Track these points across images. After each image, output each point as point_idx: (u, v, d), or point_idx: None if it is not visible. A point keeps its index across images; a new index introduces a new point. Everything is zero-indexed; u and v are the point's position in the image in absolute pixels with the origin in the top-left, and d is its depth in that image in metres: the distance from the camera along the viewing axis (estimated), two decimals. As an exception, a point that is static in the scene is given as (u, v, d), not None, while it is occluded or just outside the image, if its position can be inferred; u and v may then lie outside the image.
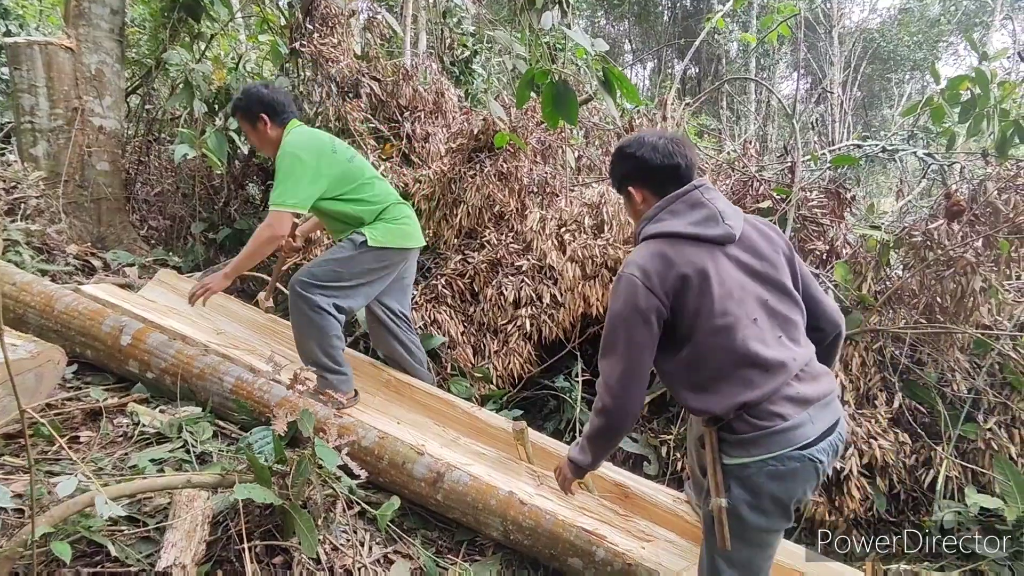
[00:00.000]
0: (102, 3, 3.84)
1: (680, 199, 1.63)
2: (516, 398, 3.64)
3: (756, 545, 1.54)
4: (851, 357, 2.89)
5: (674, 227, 1.58)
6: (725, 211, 1.61)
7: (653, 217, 1.65)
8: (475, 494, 2.18)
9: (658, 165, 1.65)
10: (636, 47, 21.59)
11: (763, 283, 1.58)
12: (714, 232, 1.57)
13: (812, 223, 3.50)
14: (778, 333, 1.55)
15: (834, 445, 1.54)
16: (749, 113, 13.53)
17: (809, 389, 1.52)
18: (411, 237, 2.84)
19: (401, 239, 2.78)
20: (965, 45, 17.29)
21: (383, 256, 2.73)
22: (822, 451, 1.50)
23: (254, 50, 6.10)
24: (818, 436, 1.50)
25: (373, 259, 2.70)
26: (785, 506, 1.50)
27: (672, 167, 1.65)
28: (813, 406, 1.51)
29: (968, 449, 2.80)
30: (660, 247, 1.56)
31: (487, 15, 8.35)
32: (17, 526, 1.66)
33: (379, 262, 2.73)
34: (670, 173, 1.65)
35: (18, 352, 2.15)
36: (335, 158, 2.67)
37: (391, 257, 2.76)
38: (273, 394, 2.41)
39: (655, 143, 1.66)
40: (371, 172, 2.83)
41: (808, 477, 1.49)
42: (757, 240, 1.63)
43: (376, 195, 2.77)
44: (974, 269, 2.64)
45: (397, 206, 2.83)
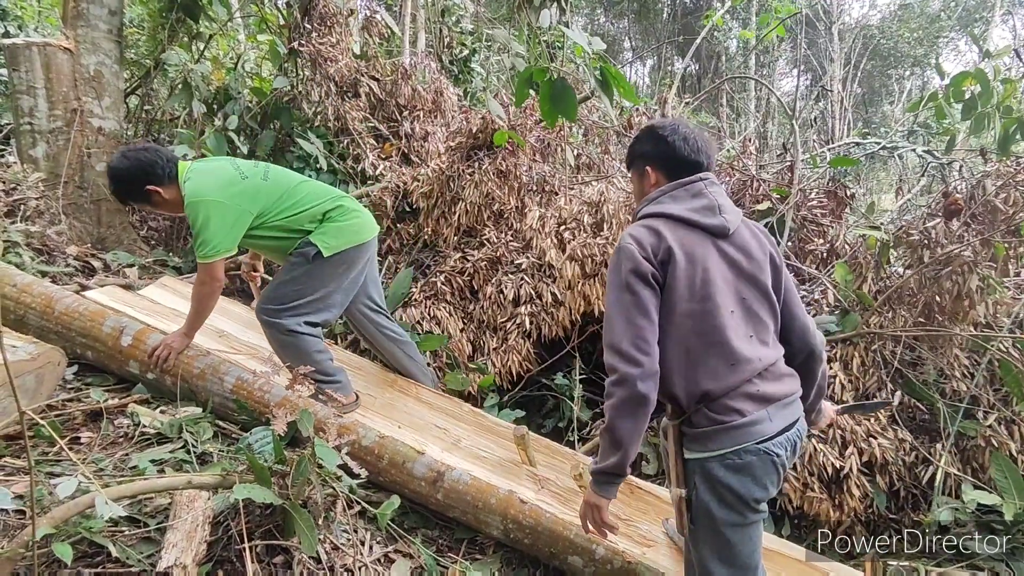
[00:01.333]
0: (100, 4, 3.84)
1: (683, 187, 1.67)
2: (516, 397, 3.65)
3: (732, 538, 1.56)
4: (851, 357, 2.89)
5: (671, 210, 1.62)
6: (724, 206, 1.64)
7: (654, 199, 1.68)
8: (475, 493, 2.19)
9: (683, 156, 1.68)
10: (636, 44, 21.56)
11: (746, 281, 1.61)
12: (709, 221, 1.60)
13: (811, 223, 3.51)
14: (750, 332, 1.58)
15: (792, 440, 1.58)
16: (749, 111, 13.52)
17: (770, 388, 1.56)
18: (365, 228, 2.67)
19: (355, 235, 2.61)
20: (966, 41, 17.28)
21: (342, 259, 2.57)
22: (779, 444, 1.53)
23: (253, 50, 6.10)
24: (776, 433, 1.54)
25: (333, 266, 2.55)
26: (746, 499, 1.52)
27: (694, 163, 1.68)
28: (773, 405, 1.55)
29: (968, 446, 2.81)
30: (654, 224, 1.61)
31: (486, 14, 8.35)
32: (18, 527, 1.67)
33: (341, 266, 2.58)
34: (690, 167, 1.68)
35: (18, 354, 2.15)
36: (247, 184, 2.44)
37: (351, 257, 2.61)
38: (273, 394, 2.41)
39: (687, 134, 1.69)
40: (295, 178, 2.63)
41: (767, 471, 1.53)
42: (749, 240, 1.66)
43: (310, 198, 2.57)
44: (971, 268, 2.64)
45: (340, 202, 2.63)
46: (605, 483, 1.60)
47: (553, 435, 3.48)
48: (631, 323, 1.50)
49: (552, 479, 2.45)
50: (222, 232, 2.33)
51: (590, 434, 3.38)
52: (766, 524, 2.56)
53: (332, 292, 2.59)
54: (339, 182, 4.53)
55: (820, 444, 2.72)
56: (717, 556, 1.57)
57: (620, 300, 1.53)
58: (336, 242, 2.54)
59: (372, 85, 4.85)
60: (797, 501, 2.69)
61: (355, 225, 2.62)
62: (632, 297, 1.51)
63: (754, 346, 1.57)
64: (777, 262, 1.70)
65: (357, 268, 2.66)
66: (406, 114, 4.94)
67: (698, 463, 1.56)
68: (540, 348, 3.71)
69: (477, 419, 2.85)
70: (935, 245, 2.78)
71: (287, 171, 2.69)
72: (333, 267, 2.55)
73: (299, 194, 2.56)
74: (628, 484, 2.64)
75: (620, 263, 1.55)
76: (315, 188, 2.64)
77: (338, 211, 2.60)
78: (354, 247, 2.60)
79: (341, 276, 2.60)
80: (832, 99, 14.43)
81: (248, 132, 4.66)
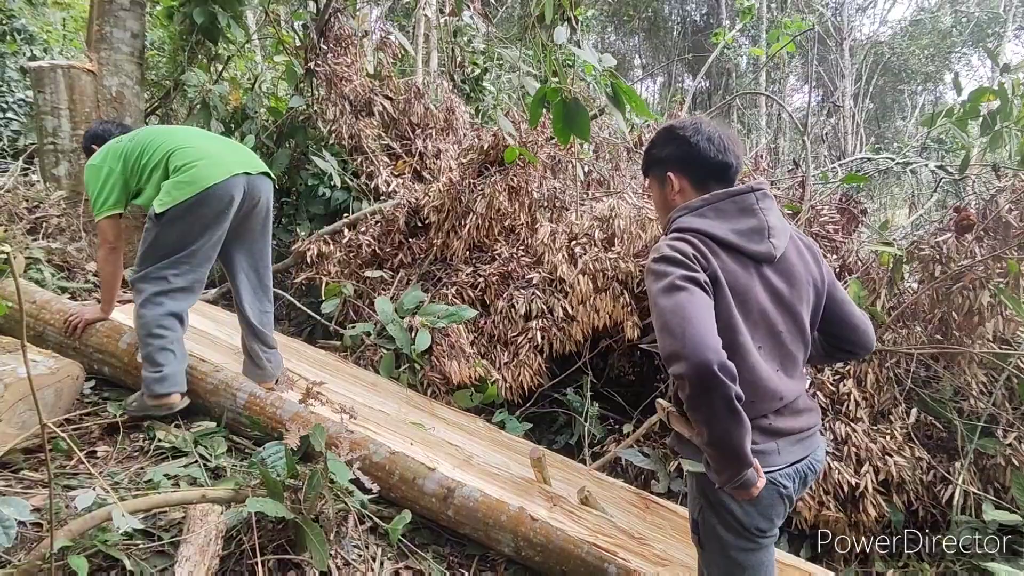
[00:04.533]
0: (123, 27, 3.96)
1: (731, 198, 1.47)
2: (527, 412, 3.65)
3: (742, 561, 1.50)
4: (864, 374, 2.86)
5: (715, 229, 1.42)
6: (775, 226, 1.47)
7: (696, 209, 1.47)
8: (486, 510, 2.18)
9: (710, 158, 1.49)
10: (646, 62, 21.72)
11: (784, 313, 1.48)
12: (756, 248, 1.43)
13: (824, 239, 3.49)
14: (776, 366, 1.47)
15: (801, 472, 1.49)
16: (760, 127, 13.53)
17: (784, 423, 1.47)
18: (207, 175, 2.35)
19: (194, 185, 2.31)
20: (978, 56, 17.21)
21: (183, 212, 2.32)
22: (786, 476, 1.45)
23: (270, 70, 6.23)
24: (784, 465, 1.45)
25: (173, 222, 2.34)
26: (749, 528, 1.46)
27: (723, 165, 1.50)
28: (784, 439, 1.46)
29: (988, 465, 2.75)
30: (696, 242, 1.40)
31: (497, 34, 8.46)
32: (35, 540, 1.69)
33: (183, 220, 2.34)
34: (718, 170, 1.50)
35: (39, 368, 2.20)
36: (122, 145, 2.45)
37: (195, 208, 2.33)
38: (285, 409, 2.43)
39: (711, 134, 1.51)
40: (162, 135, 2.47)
41: (772, 502, 1.45)
42: (795, 262, 1.51)
43: (157, 153, 2.41)
44: (983, 284, 2.62)
45: (178, 153, 2.39)
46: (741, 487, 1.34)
47: (564, 451, 3.47)
48: (691, 319, 1.26)
49: (565, 496, 2.44)
50: (95, 192, 2.40)
51: (603, 449, 3.36)
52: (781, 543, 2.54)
53: (187, 245, 2.38)
54: (353, 199, 4.59)
55: (835, 462, 2.69)
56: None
57: (674, 300, 1.29)
58: (172, 197, 2.31)
59: (386, 104, 4.93)
60: (811, 519, 2.65)
61: (195, 174, 2.34)
62: (688, 295, 1.30)
63: (779, 380, 1.46)
64: (819, 282, 1.55)
65: (215, 223, 2.40)
66: (419, 132, 5.01)
67: (706, 481, 1.48)
68: (551, 363, 3.71)
69: (492, 435, 2.85)
70: (947, 260, 2.76)
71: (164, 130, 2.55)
72: (174, 223, 2.34)
73: (150, 150, 2.42)
74: (643, 499, 2.62)
75: (665, 269, 1.35)
76: (162, 140, 2.45)
77: (176, 164, 2.37)
78: (193, 197, 2.31)
79: (193, 236, 2.37)
80: (844, 115, 14.41)
81: (264, 150, 4.74)
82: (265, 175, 2.60)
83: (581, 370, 3.68)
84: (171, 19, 4.64)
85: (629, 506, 2.56)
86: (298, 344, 3.46)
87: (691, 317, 1.26)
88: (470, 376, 3.42)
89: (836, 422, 2.81)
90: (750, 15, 6.67)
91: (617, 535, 2.19)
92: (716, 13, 17.52)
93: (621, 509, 2.51)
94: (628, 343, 3.55)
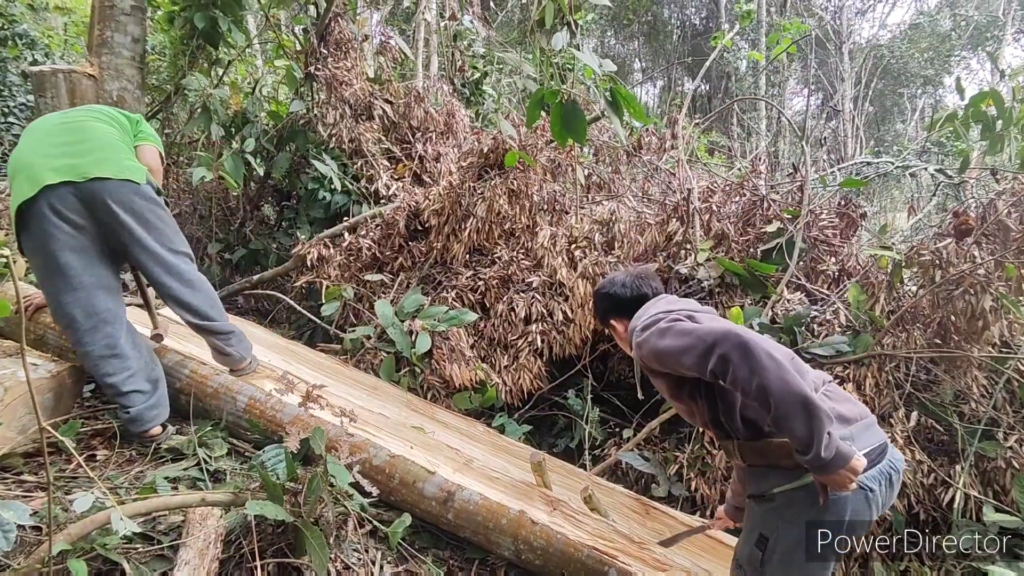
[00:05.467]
0: (124, 32, 3.97)
1: (662, 299, 1.82)
2: (526, 415, 3.65)
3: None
4: (863, 378, 2.86)
5: (666, 307, 1.72)
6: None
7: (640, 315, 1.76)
8: (486, 513, 2.18)
9: (628, 298, 1.88)
10: (646, 65, 21.76)
11: None
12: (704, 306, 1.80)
13: (823, 243, 3.49)
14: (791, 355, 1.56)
15: (885, 473, 1.45)
16: (760, 130, 13.55)
17: (842, 408, 1.48)
18: (16, 193, 2.07)
19: (13, 203, 2.08)
20: (977, 59, 17.24)
21: (27, 240, 2.10)
22: (872, 479, 1.42)
23: (270, 75, 6.25)
24: (865, 450, 1.42)
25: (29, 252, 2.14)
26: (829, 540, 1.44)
27: (640, 296, 1.86)
28: (853, 425, 1.46)
29: (989, 468, 2.75)
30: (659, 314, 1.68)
31: (497, 37, 8.49)
32: (35, 543, 1.69)
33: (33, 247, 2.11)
34: (641, 301, 1.85)
35: (39, 372, 2.20)
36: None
37: (30, 229, 2.08)
38: (285, 413, 2.43)
39: (623, 280, 1.92)
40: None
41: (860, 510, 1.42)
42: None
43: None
44: (984, 288, 2.62)
45: (9, 172, 2.15)
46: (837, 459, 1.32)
47: (565, 455, 3.47)
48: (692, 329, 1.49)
49: (565, 500, 2.43)
50: None
51: (603, 453, 3.36)
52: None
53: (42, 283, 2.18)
54: (353, 202, 4.60)
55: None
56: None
57: (670, 334, 1.54)
58: (13, 231, 2.09)
59: (386, 108, 4.94)
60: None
61: (12, 199, 2.09)
62: (678, 324, 1.55)
63: (795, 363, 1.54)
64: None
65: (38, 240, 2.09)
66: (419, 136, 5.03)
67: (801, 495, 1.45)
68: (551, 366, 3.71)
69: (492, 439, 2.85)
70: (947, 265, 2.76)
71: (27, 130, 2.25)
72: (29, 255, 2.15)
73: None
74: (644, 505, 2.63)
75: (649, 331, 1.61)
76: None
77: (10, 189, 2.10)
78: (16, 222, 2.08)
79: (38, 258, 2.13)
80: (843, 118, 14.44)
81: (265, 154, 4.76)
82: (104, 179, 2.15)
83: (581, 373, 3.69)
84: (172, 23, 4.66)
85: (629, 511, 2.56)
86: (298, 347, 3.46)
87: (692, 327, 1.49)
88: (470, 379, 3.42)
89: (836, 425, 2.80)
90: (749, 19, 6.69)
91: (617, 539, 2.18)
92: (716, 17, 17.57)
93: (621, 514, 2.51)
94: (628, 346, 3.55)
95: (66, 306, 2.14)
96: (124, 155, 2.28)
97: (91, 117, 2.35)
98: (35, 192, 2.04)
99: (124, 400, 2.24)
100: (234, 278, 4.64)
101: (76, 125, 2.28)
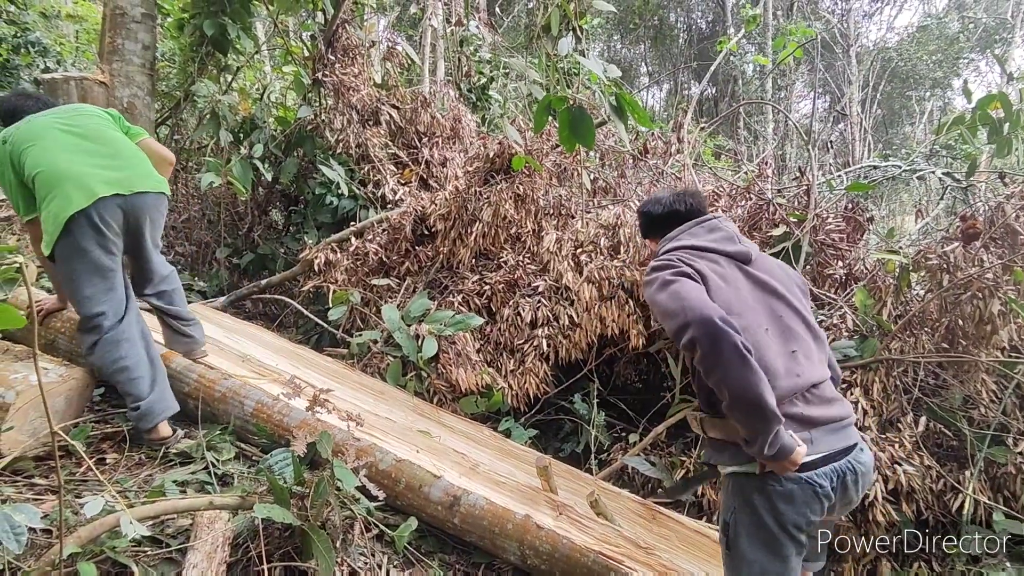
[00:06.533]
0: (134, 39, 4.02)
1: (698, 224, 1.76)
2: (532, 419, 3.65)
3: (767, 566, 1.51)
4: (871, 383, 2.84)
5: (694, 242, 1.69)
6: (742, 237, 1.73)
7: (674, 238, 1.76)
8: (491, 518, 2.18)
9: (658, 215, 1.85)
10: (652, 69, 21.78)
11: (778, 300, 1.62)
12: (732, 248, 1.68)
13: (829, 247, 3.48)
14: (791, 347, 1.56)
15: (839, 472, 1.50)
16: (766, 134, 13.52)
17: (815, 411, 1.52)
18: (73, 199, 2.19)
19: (62, 212, 2.17)
20: (986, 61, 17.14)
21: (67, 246, 2.23)
22: (822, 476, 1.48)
23: (278, 81, 6.30)
24: (819, 459, 1.48)
25: (64, 259, 2.26)
26: (784, 525, 1.47)
27: (671, 213, 1.82)
28: (818, 428, 1.50)
29: (998, 474, 2.73)
30: (680, 252, 1.66)
31: (503, 43, 8.52)
32: (45, 546, 1.70)
33: (69, 253, 2.24)
34: (669, 218, 1.82)
35: (49, 376, 2.23)
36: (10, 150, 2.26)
37: (73, 236, 2.21)
38: (292, 417, 2.45)
39: (660, 198, 1.88)
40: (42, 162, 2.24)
41: (807, 499, 1.47)
42: (774, 268, 1.73)
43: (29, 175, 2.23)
44: (992, 292, 2.60)
45: (41, 176, 2.21)
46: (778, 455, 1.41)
47: (571, 459, 3.46)
48: (686, 296, 1.46)
49: (571, 505, 2.43)
50: (8, 195, 2.36)
51: (609, 458, 3.36)
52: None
53: (81, 284, 2.27)
54: (360, 207, 4.63)
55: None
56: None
57: (668, 290, 1.51)
58: (52, 230, 2.20)
59: (392, 113, 4.97)
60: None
61: (56, 210, 2.20)
62: (678, 283, 1.51)
63: (796, 362, 1.54)
64: (803, 289, 1.74)
65: (92, 239, 2.25)
66: (425, 141, 5.06)
67: (744, 481, 1.53)
68: (557, 371, 3.71)
69: (498, 443, 2.85)
70: (955, 269, 2.74)
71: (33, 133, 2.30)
72: (65, 260, 2.27)
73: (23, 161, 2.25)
74: (650, 510, 2.62)
75: (656, 275, 1.58)
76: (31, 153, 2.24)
77: (42, 194, 2.22)
78: (64, 228, 2.19)
79: (80, 261, 2.26)
80: (851, 121, 14.38)
81: (273, 159, 4.80)
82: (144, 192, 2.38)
83: (587, 378, 3.68)
84: (182, 31, 4.71)
85: (636, 516, 2.56)
86: (306, 351, 3.48)
87: (685, 295, 1.47)
88: (476, 384, 3.42)
89: (844, 430, 2.79)
90: (755, 23, 6.68)
91: (623, 544, 2.18)
92: (722, 21, 17.56)
93: (627, 519, 2.51)
94: (634, 351, 3.55)
95: (101, 304, 2.29)
96: (150, 166, 2.49)
97: (100, 124, 2.45)
98: (90, 203, 2.21)
99: (133, 388, 2.32)
100: (242, 282, 4.67)
101: (97, 134, 2.40)
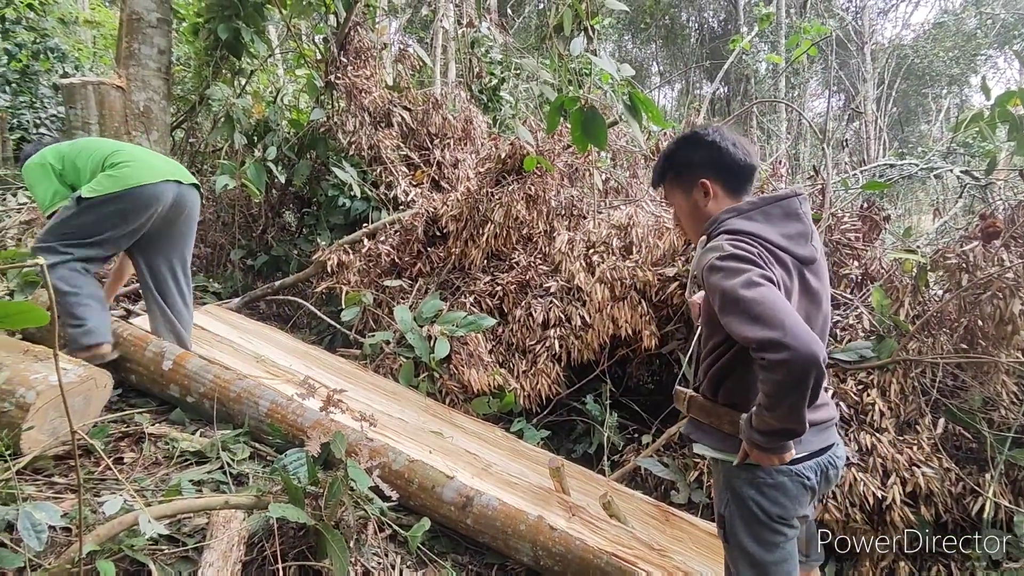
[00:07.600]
0: (150, 44, 4.07)
1: (778, 203, 1.50)
2: (544, 420, 3.64)
3: (764, 555, 1.52)
4: (889, 384, 2.81)
5: (767, 233, 1.45)
6: (815, 231, 1.54)
7: (745, 212, 1.49)
8: (504, 519, 2.18)
9: (740, 161, 1.53)
10: (663, 69, 21.69)
11: (816, 310, 1.53)
12: (802, 252, 1.49)
13: (845, 247, 3.44)
14: None
15: (822, 466, 1.55)
16: (780, 132, 13.39)
17: (813, 415, 1.50)
18: (136, 175, 2.58)
19: (123, 180, 2.54)
20: (1005, 58, 16.87)
21: (111, 201, 2.53)
22: (809, 468, 1.52)
23: (291, 83, 6.35)
24: (806, 455, 1.51)
25: (98, 208, 2.53)
26: (774, 516, 1.50)
27: (751, 168, 1.55)
28: (810, 430, 1.46)
29: (1020, 476, 2.68)
30: (759, 249, 1.43)
31: (514, 44, 8.53)
32: (65, 544, 1.73)
33: (108, 207, 2.53)
34: (748, 175, 1.56)
35: (68, 376, 2.26)
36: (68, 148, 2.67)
37: (123, 200, 2.55)
38: (306, 417, 2.46)
39: (735, 139, 1.55)
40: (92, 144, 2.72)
41: (797, 492, 1.50)
42: (822, 262, 1.58)
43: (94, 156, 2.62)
44: (1012, 292, 2.55)
45: (116, 154, 2.62)
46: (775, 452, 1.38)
47: (583, 460, 3.45)
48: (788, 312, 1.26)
49: (584, 506, 2.43)
50: (39, 189, 2.60)
51: (622, 459, 3.34)
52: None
53: (100, 232, 2.56)
54: (372, 209, 4.65)
55: (861, 473, 2.63)
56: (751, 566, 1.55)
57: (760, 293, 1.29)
58: (101, 187, 2.52)
59: (404, 115, 4.99)
60: (840, 532, 2.60)
61: (125, 173, 2.57)
62: (770, 289, 1.31)
63: None
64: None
65: (136, 211, 2.60)
66: (437, 142, 5.07)
67: (733, 473, 1.54)
68: (569, 372, 3.70)
69: (510, 444, 2.85)
70: (974, 268, 2.70)
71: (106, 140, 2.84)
72: (99, 208, 2.53)
73: (88, 152, 2.64)
74: (663, 512, 2.61)
75: (740, 267, 1.35)
76: (103, 145, 2.69)
77: (111, 160, 2.61)
78: (125, 190, 2.54)
79: (111, 217, 2.55)
80: (866, 119, 14.21)
81: (286, 162, 4.84)
82: (194, 187, 2.84)
83: (599, 379, 3.67)
84: (197, 35, 4.77)
85: (649, 518, 2.54)
86: (319, 352, 3.50)
87: (786, 310, 1.27)
88: (488, 385, 3.43)
89: (861, 432, 2.75)
90: (768, 21, 6.63)
91: (637, 546, 2.17)
92: (734, 19, 17.45)
93: (640, 520, 2.49)
94: (646, 352, 3.53)
95: (94, 249, 2.55)
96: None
97: None
98: (156, 180, 2.60)
99: (80, 311, 2.50)
100: (256, 284, 4.71)
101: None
